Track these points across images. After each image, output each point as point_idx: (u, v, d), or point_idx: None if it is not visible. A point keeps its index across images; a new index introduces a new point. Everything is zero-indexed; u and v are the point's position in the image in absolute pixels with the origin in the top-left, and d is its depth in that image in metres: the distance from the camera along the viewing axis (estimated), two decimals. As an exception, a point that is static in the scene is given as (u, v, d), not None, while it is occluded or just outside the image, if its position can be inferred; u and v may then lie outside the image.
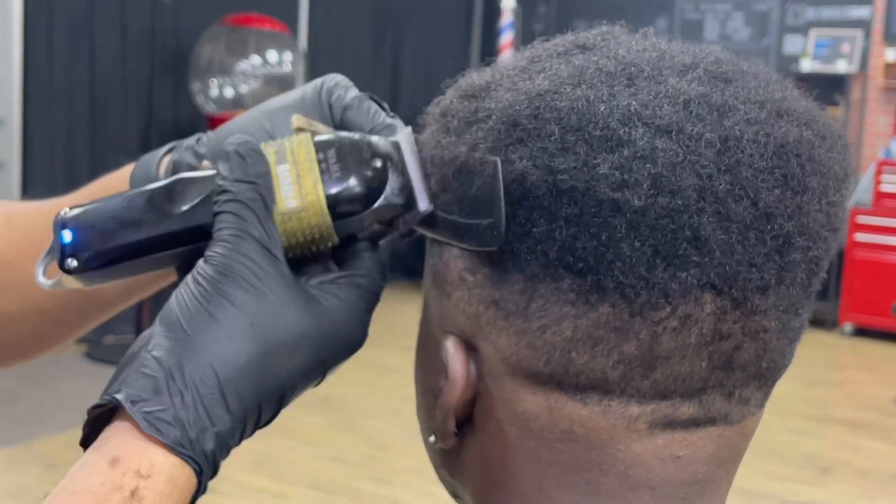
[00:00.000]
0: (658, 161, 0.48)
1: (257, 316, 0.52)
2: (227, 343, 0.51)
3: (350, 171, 0.56)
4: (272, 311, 0.53)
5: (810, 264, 0.52)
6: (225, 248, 0.53)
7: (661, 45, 0.55)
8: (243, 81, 5.45)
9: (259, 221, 0.54)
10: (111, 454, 0.50)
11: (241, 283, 0.52)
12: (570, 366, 0.51)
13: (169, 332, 0.52)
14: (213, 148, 0.64)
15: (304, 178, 0.56)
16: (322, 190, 0.56)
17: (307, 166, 0.56)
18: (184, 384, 0.50)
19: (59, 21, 4.83)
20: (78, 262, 0.57)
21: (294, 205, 0.56)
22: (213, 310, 0.52)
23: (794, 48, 7.15)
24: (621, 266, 0.49)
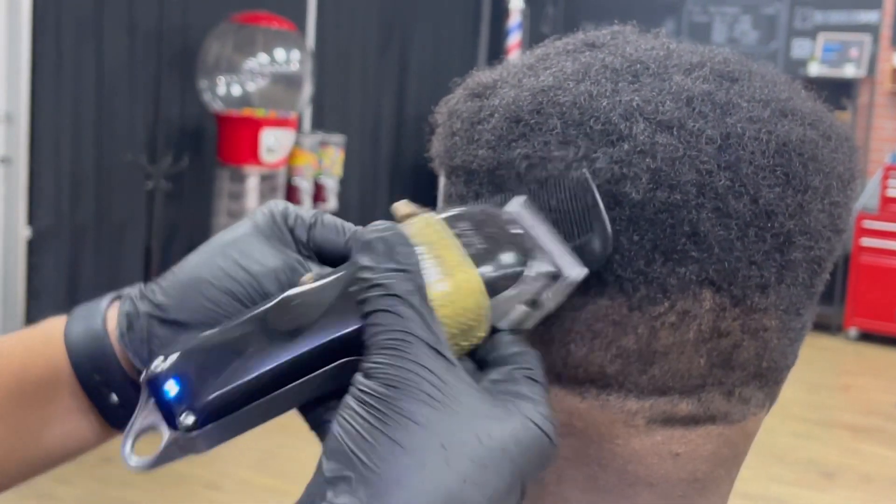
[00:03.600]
0: (658, 156, 0.48)
1: (448, 435, 0.43)
2: (420, 473, 0.42)
3: (495, 241, 0.48)
4: (461, 425, 0.44)
5: (812, 264, 0.52)
6: (389, 356, 0.44)
7: (670, 45, 0.55)
8: (251, 79, 5.45)
9: (421, 318, 0.45)
10: None
11: (419, 395, 0.43)
12: (568, 359, 0.51)
13: (346, 469, 0.43)
14: (179, 298, 0.52)
15: (446, 259, 0.47)
16: (471, 263, 0.47)
17: (445, 244, 0.47)
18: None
19: (67, 18, 4.84)
20: (195, 416, 0.46)
21: (445, 287, 0.46)
22: (394, 433, 0.43)
23: (801, 52, 7.13)
24: (620, 259, 0.49)
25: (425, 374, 0.44)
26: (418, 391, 0.44)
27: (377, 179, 7.03)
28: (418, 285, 0.46)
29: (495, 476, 0.44)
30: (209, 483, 3.71)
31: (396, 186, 7.16)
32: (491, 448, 0.44)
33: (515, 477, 0.45)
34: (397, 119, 7.12)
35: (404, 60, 7.20)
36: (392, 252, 0.46)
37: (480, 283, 0.47)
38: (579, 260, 0.49)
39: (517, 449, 0.45)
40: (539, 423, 0.46)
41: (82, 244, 4.88)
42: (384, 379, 0.44)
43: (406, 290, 0.45)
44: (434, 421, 0.43)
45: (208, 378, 0.46)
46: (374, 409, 0.43)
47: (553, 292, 0.49)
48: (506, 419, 0.45)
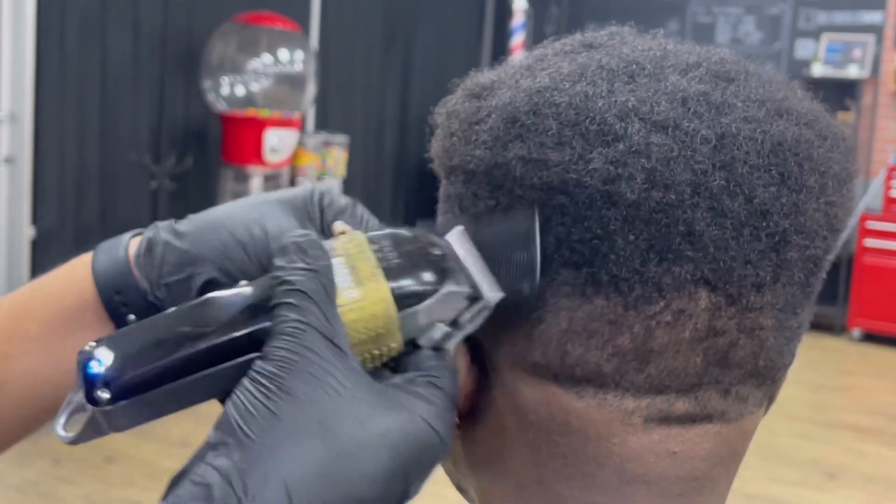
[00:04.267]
0: (652, 155, 0.49)
1: (326, 412, 0.46)
2: (294, 444, 0.45)
3: (410, 258, 0.51)
4: (343, 407, 0.47)
5: (808, 263, 0.52)
6: (285, 342, 0.48)
7: (667, 46, 0.56)
8: (254, 80, 5.45)
9: (321, 312, 0.48)
10: None
11: (305, 376, 0.47)
12: (565, 358, 0.51)
13: (226, 436, 0.46)
14: (198, 232, 0.58)
15: (360, 268, 0.51)
16: (383, 276, 0.50)
17: (362, 257, 0.51)
18: (244, 493, 0.44)
19: (72, 18, 4.85)
20: (109, 392, 0.49)
21: (354, 294, 0.50)
22: (276, 406, 0.46)
23: (805, 53, 7.13)
24: (615, 259, 0.49)
25: (314, 358, 0.47)
26: (305, 372, 0.47)
27: (380, 180, 7.03)
28: (324, 285, 0.49)
29: (373, 459, 0.46)
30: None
31: (400, 187, 7.17)
32: (370, 432, 0.46)
33: (398, 466, 0.47)
34: (401, 119, 7.12)
35: (408, 61, 7.20)
36: (303, 254, 0.50)
37: (388, 293, 0.50)
38: (498, 286, 0.51)
39: (401, 439, 0.47)
40: (429, 419, 0.48)
41: (86, 244, 4.85)
42: (276, 360, 0.47)
43: (311, 288, 0.49)
44: (315, 398, 0.46)
45: (126, 360, 0.50)
46: (262, 386, 0.47)
47: (472, 314, 0.52)
48: (392, 411, 0.48)
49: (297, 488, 0.45)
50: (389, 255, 0.51)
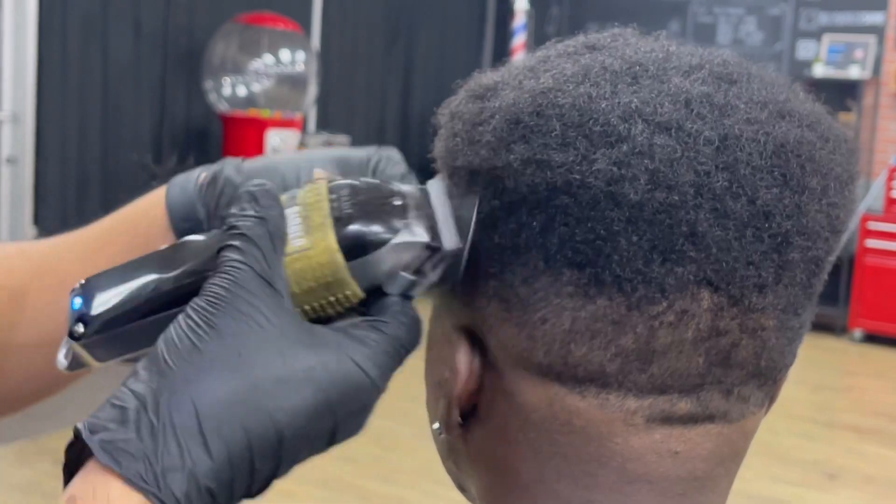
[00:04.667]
0: (656, 157, 0.49)
1: (246, 345, 0.48)
2: (210, 373, 0.47)
3: (363, 207, 0.52)
4: (266, 342, 0.48)
5: (810, 264, 0.52)
6: (221, 279, 0.49)
7: (670, 47, 0.56)
8: (256, 80, 5.46)
9: (262, 256, 0.50)
10: (70, 492, 0.46)
11: (233, 313, 0.48)
12: (568, 358, 0.52)
13: (150, 364, 0.48)
14: (255, 171, 0.63)
15: (312, 218, 0.52)
16: (331, 225, 0.52)
17: (317, 206, 0.53)
18: (156, 416, 0.46)
19: (74, 18, 4.85)
20: (85, 326, 0.53)
21: (301, 244, 0.52)
22: (200, 340, 0.48)
23: (806, 53, 7.13)
24: (618, 260, 0.49)
25: (245, 295, 0.49)
26: (233, 308, 0.48)
27: (382, 180, 7.03)
28: (269, 231, 0.51)
29: (294, 394, 0.47)
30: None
31: (401, 187, 7.16)
32: (292, 367, 0.48)
33: (321, 403, 0.48)
34: (402, 120, 7.13)
35: (409, 61, 7.21)
36: (255, 203, 0.52)
37: (335, 242, 0.51)
38: (457, 235, 0.53)
39: (325, 377, 0.48)
40: (358, 360, 0.49)
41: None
42: (209, 297, 0.49)
43: (255, 234, 0.51)
44: (237, 333, 0.48)
45: (101, 298, 0.54)
46: (191, 320, 0.48)
47: (433, 263, 0.53)
48: (320, 349, 0.49)
49: (207, 414, 0.46)
50: (344, 205, 0.52)
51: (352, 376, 0.49)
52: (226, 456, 0.46)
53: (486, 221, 0.53)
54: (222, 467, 0.46)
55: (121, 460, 0.45)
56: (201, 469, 0.46)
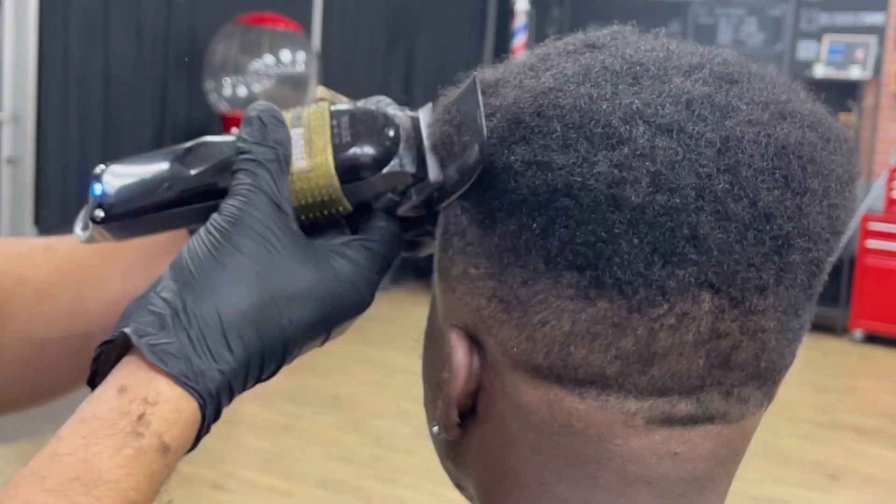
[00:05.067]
0: (657, 159, 0.49)
1: (264, 265, 0.54)
2: (232, 287, 0.54)
3: (360, 137, 0.58)
4: (279, 262, 0.55)
5: (811, 266, 0.52)
6: (238, 201, 0.56)
7: (670, 46, 0.56)
8: (256, 81, 5.46)
9: (273, 179, 0.56)
10: (119, 384, 0.52)
11: (250, 232, 0.55)
12: (568, 360, 0.51)
13: (177, 275, 0.54)
14: None
15: (315, 142, 0.58)
16: (331, 152, 0.58)
17: (320, 130, 0.59)
18: (188, 322, 0.53)
19: (74, 18, 4.85)
20: (105, 214, 0.60)
21: (303, 165, 0.58)
22: (221, 256, 0.54)
23: (807, 54, 7.13)
24: (619, 262, 0.49)
25: (260, 216, 0.55)
26: (250, 229, 0.55)
27: (382, 180, 7.03)
28: (277, 155, 0.57)
29: (300, 308, 0.55)
30: (214, 484, 3.72)
31: (402, 187, 7.16)
32: (300, 285, 0.55)
33: (321, 317, 0.56)
34: (403, 120, 7.11)
35: (410, 62, 7.20)
36: (264, 129, 0.58)
37: (333, 168, 0.58)
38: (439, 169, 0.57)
39: (325, 294, 0.56)
40: (353, 279, 0.57)
41: (88, 245, 4.88)
42: (227, 216, 0.55)
43: (265, 158, 0.57)
44: (255, 253, 0.55)
45: (120, 188, 0.60)
46: (213, 237, 0.55)
47: (417, 189, 0.58)
48: (321, 268, 0.56)
49: (230, 322, 0.53)
50: (344, 132, 0.59)
51: (347, 293, 0.57)
52: (244, 357, 0.53)
53: (486, 222, 0.53)
54: (241, 367, 0.53)
55: (167, 361, 0.52)
56: (228, 368, 0.53)
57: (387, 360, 5.08)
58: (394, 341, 5.20)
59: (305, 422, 4.35)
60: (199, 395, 0.52)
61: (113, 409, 0.51)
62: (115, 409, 0.51)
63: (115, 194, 0.60)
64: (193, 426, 0.52)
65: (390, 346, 5.30)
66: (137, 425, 0.51)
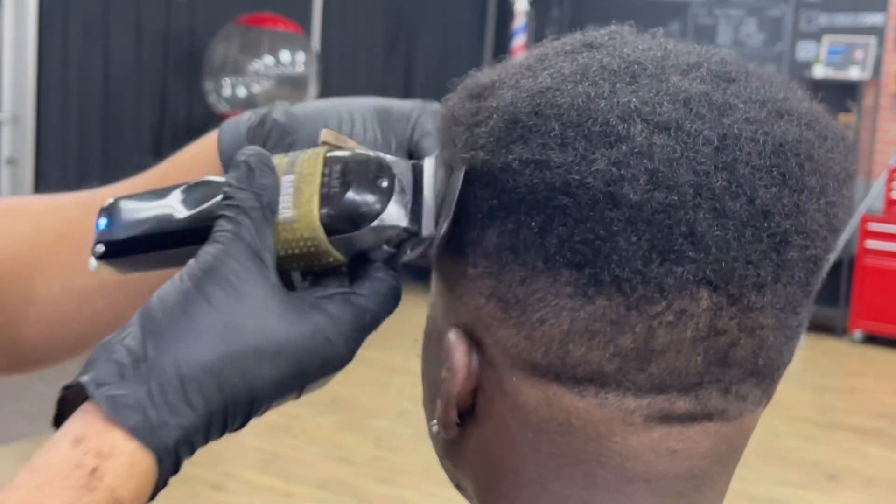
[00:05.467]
0: (655, 157, 0.49)
1: (232, 317, 0.52)
2: (196, 340, 0.52)
3: (349, 187, 0.56)
4: (250, 315, 0.53)
5: (808, 263, 0.52)
6: (215, 248, 0.54)
7: (667, 45, 0.56)
8: (256, 81, 5.46)
9: (253, 227, 0.54)
10: (74, 434, 0.51)
11: (221, 282, 0.53)
12: (567, 358, 0.52)
13: (143, 322, 0.53)
14: (302, 115, 0.67)
15: (303, 190, 0.56)
16: (317, 202, 0.56)
17: (310, 179, 0.56)
18: (149, 374, 0.51)
19: (74, 19, 4.85)
20: (104, 249, 0.59)
21: (289, 215, 0.56)
22: (188, 306, 0.52)
23: (807, 54, 7.13)
24: (618, 260, 0.49)
25: (235, 267, 0.53)
26: (223, 279, 0.53)
27: (382, 181, 7.03)
28: (262, 203, 0.55)
29: (269, 364, 0.53)
30: (214, 484, 3.72)
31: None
32: (271, 340, 0.53)
33: (293, 374, 0.54)
34: (402, 121, 7.11)
35: (409, 63, 7.21)
36: (250, 174, 0.56)
37: (315, 220, 0.55)
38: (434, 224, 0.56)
39: (300, 350, 0.54)
40: (330, 336, 0.54)
41: (88, 245, 4.88)
42: (202, 264, 0.54)
43: (249, 206, 0.55)
44: (226, 304, 0.53)
45: (120, 225, 0.60)
46: (185, 285, 0.53)
47: (411, 244, 0.57)
48: (296, 324, 0.54)
49: (190, 373, 0.51)
50: (334, 182, 0.56)
51: (321, 350, 0.54)
52: (205, 413, 0.52)
53: (485, 221, 0.53)
54: (202, 421, 0.52)
55: (124, 414, 0.50)
56: (187, 423, 0.51)
57: (386, 361, 5.08)
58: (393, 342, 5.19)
59: (305, 422, 4.35)
60: (155, 449, 0.51)
61: (66, 459, 0.50)
62: (68, 460, 0.50)
63: (116, 231, 0.59)
64: (149, 480, 0.51)
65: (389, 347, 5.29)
66: (90, 479, 0.49)
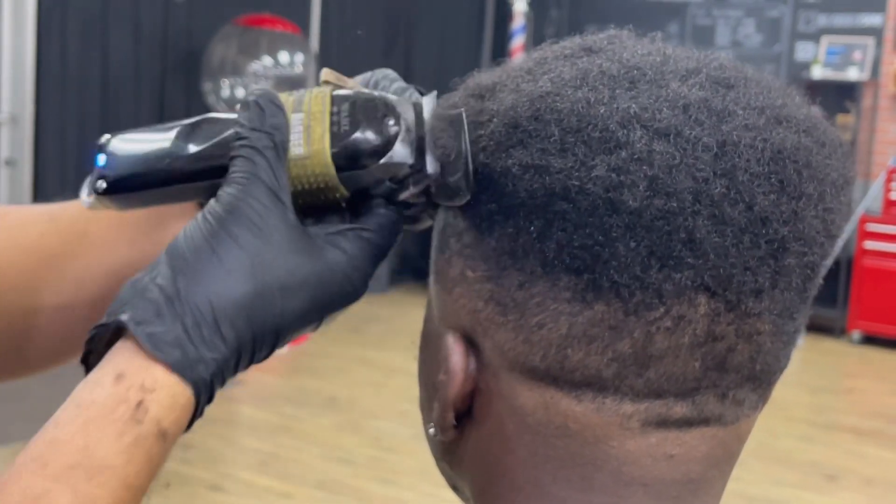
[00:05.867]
0: (655, 163, 0.49)
1: (258, 255, 0.54)
2: (226, 277, 0.54)
3: (359, 126, 0.58)
4: (273, 253, 0.55)
5: (806, 269, 0.52)
6: (235, 188, 0.55)
7: (666, 50, 0.56)
8: (255, 82, 5.46)
9: (270, 167, 0.56)
10: (116, 370, 0.52)
11: (245, 223, 0.54)
12: (565, 362, 0.52)
13: (173, 262, 0.54)
14: None
15: (313, 128, 0.58)
16: (328, 140, 0.57)
17: (319, 117, 0.58)
18: (183, 311, 0.53)
19: (73, 20, 4.85)
20: (107, 184, 0.60)
21: (300, 152, 0.57)
22: (216, 245, 0.54)
23: (805, 55, 7.13)
24: (616, 265, 0.49)
25: (257, 207, 0.55)
26: (247, 219, 0.55)
27: (381, 182, 7.03)
28: (275, 142, 0.57)
29: (292, 298, 0.55)
30: (212, 485, 3.72)
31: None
32: (293, 276, 0.55)
33: (313, 307, 0.56)
34: (401, 121, 7.11)
35: (408, 63, 7.21)
36: (262, 114, 0.57)
37: (328, 156, 0.57)
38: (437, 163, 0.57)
39: (318, 285, 0.56)
40: (347, 272, 0.57)
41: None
42: (225, 204, 0.55)
43: (262, 145, 0.56)
44: (250, 243, 0.54)
45: (122, 162, 0.60)
46: (210, 225, 0.55)
47: (415, 179, 0.58)
48: (315, 259, 0.56)
49: (222, 309, 0.53)
50: (343, 120, 0.58)
51: (340, 283, 0.56)
52: (236, 345, 0.54)
53: (484, 225, 0.54)
54: (232, 354, 0.54)
55: (164, 350, 0.52)
56: (220, 357, 0.53)
57: (385, 362, 5.08)
58: (392, 342, 5.20)
59: (303, 423, 4.35)
60: (193, 382, 0.53)
61: (111, 395, 0.52)
62: (113, 395, 0.52)
63: (118, 166, 0.60)
64: (188, 411, 0.53)
65: (389, 348, 5.30)
66: (136, 412, 0.51)
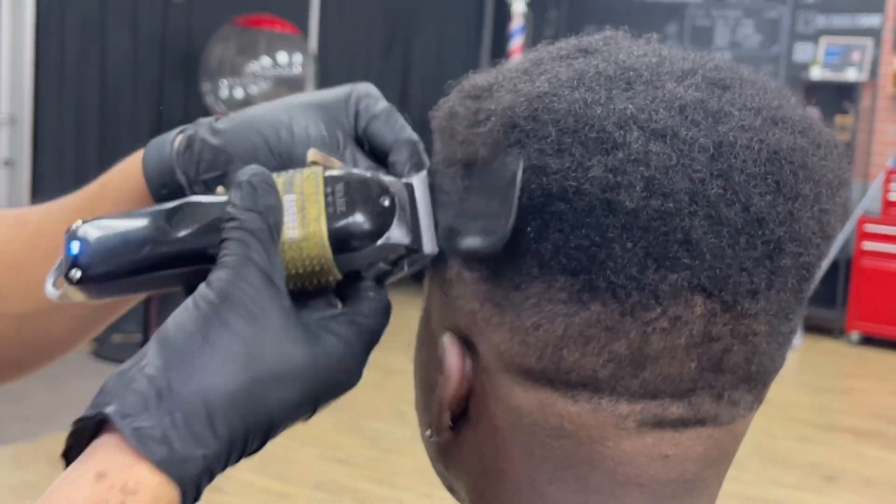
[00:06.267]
0: (651, 164, 0.49)
1: (252, 344, 0.52)
2: (220, 369, 0.51)
3: (355, 207, 0.56)
4: (269, 342, 0.52)
5: (801, 270, 0.53)
6: (227, 272, 0.53)
7: (662, 51, 0.56)
8: (253, 83, 5.46)
9: (263, 250, 0.53)
10: (97, 468, 0.49)
11: (239, 309, 0.52)
12: (561, 363, 0.52)
13: (163, 351, 0.51)
14: (232, 130, 0.63)
15: (308, 210, 0.56)
16: (324, 222, 0.55)
17: (313, 199, 0.56)
18: (173, 405, 0.50)
19: (71, 20, 4.85)
20: (82, 274, 0.56)
21: (295, 235, 0.55)
22: (209, 333, 0.51)
23: (804, 56, 7.13)
24: (613, 266, 0.49)
25: (251, 293, 0.52)
26: (240, 305, 0.52)
27: (380, 182, 7.03)
28: (268, 224, 0.54)
29: (288, 388, 0.53)
30: (211, 485, 3.71)
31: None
32: (289, 366, 0.53)
33: (308, 396, 0.54)
34: (400, 122, 7.11)
35: (407, 64, 7.21)
36: (254, 195, 0.55)
37: (326, 240, 0.55)
38: (435, 240, 0.56)
39: (313, 374, 0.54)
40: (342, 358, 0.55)
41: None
42: (217, 290, 0.52)
43: (257, 227, 0.54)
44: (245, 331, 0.52)
45: (98, 249, 0.56)
46: (202, 311, 0.52)
47: (410, 260, 0.57)
48: (310, 347, 0.54)
49: (215, 403, 0.50)
50: (338, 201, 0.56)
51: (336, 372, 0.55)
52: (228, 440, 0.51)
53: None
54: (223, 450, 0.51)
55: (150, 447, 0.49)
56: (211, 453, 0.50)
57: (383, 362, 5.07)
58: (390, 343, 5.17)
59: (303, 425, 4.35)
60: (180, 480, 0.50)
61: (90, 496, 0.49)
62: (92, 496, 0.49)
63: (93, 253, 0.56)
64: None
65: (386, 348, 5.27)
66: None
